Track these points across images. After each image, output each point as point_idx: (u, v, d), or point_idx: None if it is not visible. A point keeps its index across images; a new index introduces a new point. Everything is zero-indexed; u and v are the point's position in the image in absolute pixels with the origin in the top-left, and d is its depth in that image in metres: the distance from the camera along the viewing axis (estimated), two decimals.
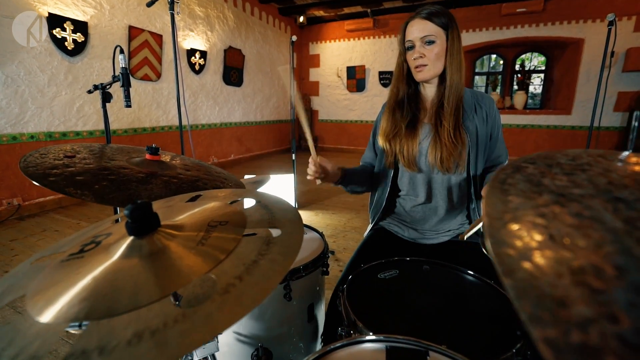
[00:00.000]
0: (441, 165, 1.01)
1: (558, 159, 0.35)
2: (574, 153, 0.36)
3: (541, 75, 6.45)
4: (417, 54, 0.99)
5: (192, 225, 0.46)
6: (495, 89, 6.67)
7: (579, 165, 0.32)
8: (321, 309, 1.05)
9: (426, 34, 0.97)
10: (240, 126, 6.26)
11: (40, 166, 0.78)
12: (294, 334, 0.94)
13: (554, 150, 0.38)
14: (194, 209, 0.51)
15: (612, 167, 0.30)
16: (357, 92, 7.43)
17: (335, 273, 2.21)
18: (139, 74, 4.14)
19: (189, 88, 4.99)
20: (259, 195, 0.56)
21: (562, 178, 0.29)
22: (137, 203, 0.41)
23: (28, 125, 3.18)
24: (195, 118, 5.20)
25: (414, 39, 0.99)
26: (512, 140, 6.36)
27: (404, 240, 1.13)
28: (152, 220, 0.42)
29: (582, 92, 5.73)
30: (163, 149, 4.04)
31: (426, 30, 0.97)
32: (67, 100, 3.46)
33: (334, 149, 8.03)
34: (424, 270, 0.84)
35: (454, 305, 0.71)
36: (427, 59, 0.98)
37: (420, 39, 0.98)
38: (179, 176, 0.95)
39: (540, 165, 0.33)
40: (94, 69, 3.65)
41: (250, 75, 6.28)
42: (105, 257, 0.40)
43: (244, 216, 0.48)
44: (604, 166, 0.31)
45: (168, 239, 0.42)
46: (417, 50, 0.99)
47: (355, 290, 0.74)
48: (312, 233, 1.15)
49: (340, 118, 7.84)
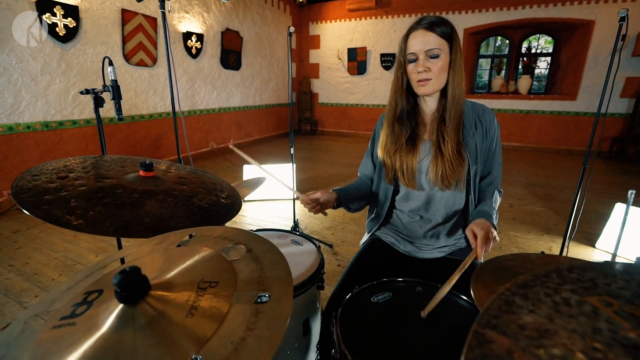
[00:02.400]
0: (442, 182, 0.99)
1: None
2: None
3: (548, 58, 6.27)
4: (421, 68, 0.94)
5: (182, 284, 0.46)
6: (499, 72, 6.52)
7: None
8: (317, 322, 1.07)
9: (431, 47, 0.93)
10: (239, 111, 6.17)
11: (32, 192, 0.77)
12: (289, 349, 0.97)
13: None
14: (185, 259, 0.51)
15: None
16: (358, 74, 7.27)
17: (333, 267, 2.25)
18: (134, 60, 4.04)
19: (186, 73, 4.88)
20: (250, 241, 0.56)
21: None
22: (125, 272, 0.41)
23: (24, 115, 3.14)
24: (193, 104, 5.12)
25: (417, 51, 0.94)
26: (515, 126, 6.29)
27: (398, 254, 1.14)
28: (142, 287, 0.42)
29: (589, 76, 5.60)
30: (161, 136, 4.10)
31: (431, 43, 0.93)
32: (61, 89, 3.39)
33: (334, 133, 7.96)
34: (417, 292, 0.85)
35: (446, 335, 0.73)
36: (431, 73, 0.94)
37: (424, 52, 0.94)
38: (174, 193, 0.95)
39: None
40: (87, 56, 3.56)
41: (248, 58, 6.13)
42: (96, 326, 0.40)
43: (235, 272, 0.48)
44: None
45: (158, 306, 0.42)
46: (420, 63, 0.94)
47: (348, 317, 0.75)
48: (309, 244, 1.15)
49: (340, 101, 7.72)
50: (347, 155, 5.83)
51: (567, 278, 0.38)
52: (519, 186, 4.01)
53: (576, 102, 5.80)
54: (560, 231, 2.71)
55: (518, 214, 3.16)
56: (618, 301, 0.33)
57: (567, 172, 4.74)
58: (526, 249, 2.48)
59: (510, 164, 5.04)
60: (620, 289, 0.35)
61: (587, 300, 0.34)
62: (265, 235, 1.23)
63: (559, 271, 0.39)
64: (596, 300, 0.34)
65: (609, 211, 2.43)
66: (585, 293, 0.35)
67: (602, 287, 0.35)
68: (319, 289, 1.03)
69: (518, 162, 5.29)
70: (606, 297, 0.34)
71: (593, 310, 0.32)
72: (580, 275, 0.38)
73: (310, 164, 5.10)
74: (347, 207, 1.14)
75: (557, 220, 3.02)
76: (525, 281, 0.38)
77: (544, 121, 6.08)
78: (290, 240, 1.19)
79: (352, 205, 1.15)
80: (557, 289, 0.36)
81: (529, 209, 3.28)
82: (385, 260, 1.11)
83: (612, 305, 0.33)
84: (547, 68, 6.33)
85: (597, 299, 0.34)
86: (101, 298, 0.45)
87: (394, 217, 1.17)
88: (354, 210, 1.17)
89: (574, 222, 2.10)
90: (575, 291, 0.35)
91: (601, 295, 0.34)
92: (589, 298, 0.34)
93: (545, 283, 0.37)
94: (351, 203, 1.14)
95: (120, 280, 0.40)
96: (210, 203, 0.96)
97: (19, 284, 2.01)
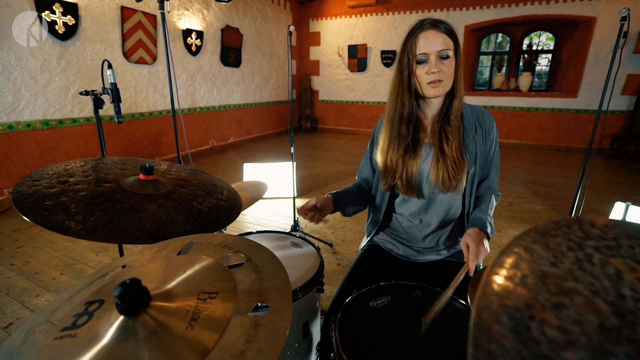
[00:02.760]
0: (443, 185, 0.99)
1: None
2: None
3: (549, 55, 6.24)
4: (435, 69, 0.92)
5: (182, 294, 0.46)
6: (500, 69, 6.49)
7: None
8: (317, 324, 1.08)
9: (443, 48, 0.91)
10: (239, 108, 6.16)
11: (33, 197, 0.78)
12: (289, 350, 0.98)
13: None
14: (185, 268, 0.51)
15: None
16: (358, 72, 7.24)
17: (333, 267, 2.26)
18: (134, 57, 4.03)
19: (185, 70, 4.87)
20: (249, 249, 0.56)
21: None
22: (126, 284, 0.41)
23: (23, 114, 3.14)
24: (193, 101, 5.11)
25: (429, 52, 0.92)
26: (516, 124, 6.27)
27: (397, 258, 1.14)
28: (142, 299, 0.42)
29: (590, 74, 5.57)
30: (161, 134, 4.11)
31: (443, 44, 0.91)
32: (61, 87, 3.38)
33: (335, 130, 7.94)
34: (415, 296, 0.85)
35: (444, 340, 0.73)
36: (443, 74, 0.92)
37: (436, 53, 0.92)
38: (174, 196, 0.95)
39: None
40: (87, 54, 3.55)
41: (248, 55, 6.10)
42: (97, 338, 0.41)
43: (234, 283, 0.48)
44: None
45: (159, 317, 0.42)
46: (433, 64, 0.92)
47: (347, 321, 0.76)
48: (308, 247, 1.16)
49: (341, 99, 7.69)
50: (348, 152, 5.83)
51: (591, 233, 0.34)
52: (519, 184, 4.01)
53: (577, 99, 5.78)
54: None
55: (518, 212, 3.17)
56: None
57: (567, 169, 4.74)
58: None
59: (510, 162, 5.04)
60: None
61: (611, 262, 0.31)
62: (266, 237, 1.24)
63: (581, 223, 0.35)
64: (620, 262, 0.31)
65: (609, 209, 2.43)
66: (609, 253, 0.32)
67: (625, 249, 0.32)
68: (318, 292, 1.04)
69: (518, 159, 5.29)
70: (630, 260, 0.31)
71: (617, 273, 0.29)
72: (603, 232, 0.34)
73: (310, 162, 5.09)
74: (343, 212, 1.13)
75: (557, 218, 3.02)
76: (546, 229, 0.35)
77: (544, 118, 6.07)
78: (290, 242, 1.19)
79: (348, 209, 1.14)
80: (581, 243, 0.33)
81: (529, 208, 3.28)
82: (384, 265, 1.11)
83: (636, 271, 0.30)
84: (548, 65, 6.30)
85: (621, 262, 0.31)
86: (102, 309, 0.46)
87: (394, 221, 1.17)
88: (349, 215, 1.17)
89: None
90: (598, 249, 0.32)
91: (625, 257, 0.31)
92: (612, 259, 0.31)
93: (567, 235, 0.34)
94: (347, 207, 1.13)
95: (121, 292, 0.41)
96: (210, 206, 0.96)
97: (20, 283, 2.02)
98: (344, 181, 4.11)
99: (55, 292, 1.93)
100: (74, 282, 2.03)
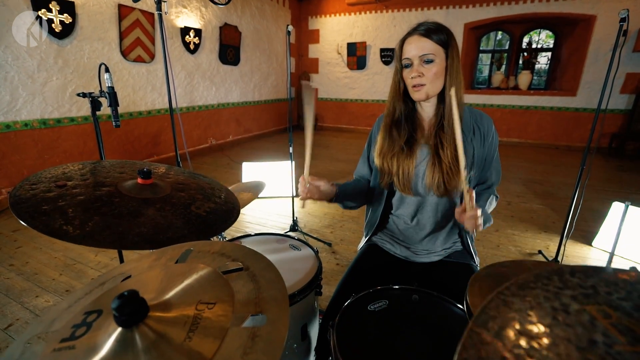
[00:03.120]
0: (437, 189, 1.00)
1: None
2: None
3: (548, 54, 6.23)
4: (414, 73, 0.95)
5: (180, 305, 0.46)
6: (500, 67, 6.48)
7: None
8: (315, 326, 1.09)
9: (425, 53, 0.93)
10: (238, 106, 6.15)
11: (30, 201, 0.78)
12: (287, 350, 0.98)
13: None
14: (183, 277, 0.52)
15: None
16: (357, 69, 7.22)
17: (332, 266, 2.27)
18: (131, 56, 4.01)
19: (184, 69, 4.85)
20: (247, 257, 0.57)
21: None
22: (124, 296, 0.42)
23: (21, 113, 3.12)
24: (192, 100, 5.09)
25: (411, 57, 0.95)
26: (515, 122, 6.27)
27: (395, 258, 1.15)
28: (140, 311, 0.43)
29: (589, 72, 5.57)
30: (159, 133, 4.11)
31: (425, 49, 0.93)
32: (58, 86, 3.37)
33: (334, 129, 7.94)
34: (413, 300, 0.86)
35: (442, 345, 0.74)
36: (425, 78, 0.95)
37: (418, 57, 0.94)
38: (172, 200, 0.95)
39: None
40: (84, 52, 3.53)
41: (247, 53, 6.08)
42: (96, 350, 0.41)
43: (232, 292, 0.48)
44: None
45: (158, 328, 0.42)
46: (415, 69, 0.95)
47: (344, 325, 0.76)
48: (307, 249, 1.16)
49: (340, 97, 7.68)
50: (347, 151, 5.83)
51: (569, 283, 0.36)
52: (517, 183, 4.02)
53: (576, 97, 5.78)
54: (558, 229, 2.73)
55: (516, 211, 3.18)
56: (617, 313, 0.32)
57: (566, 168, 4.75)
58: (523, 248, 2.50)
59: (509, 160, 5.05)
60: (620, 299, 0.34)
61: (586, 309, 0.33)
62: (265, 240, 1.24)
63: (561, 274, 0.38)
64: (595, 309, 0.33)
65: (607, 209, 2.44)
66: (585, 301, 0.34)
67: (603, 295, 0.34)
68: (317, 295, 1.05)
69: (517, 158, 5.30)
70: (605, 307, 0.33)
71: (591, 320, 0.32)
72: (582, 281, 0.36)
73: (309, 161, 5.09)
74: (342, 204, 1.15)
75: (555, 218, 3.03)
76: (526, 281, 0.37)
77: (543, 117, 6.07)
78: (288, 245, 1.20)
79: (347, 202, 1.15)
80: (558, 293, 0.35)
81: (527, 207, 3.30)
82: (382, 266, 1.12)
83: (611, 317, 0.32)
84: (547, 63, 6.30)
85: (597, 309, 0.33)
86: (100, 319, 0.46)
87: (390, 222, 1.17)
88: (348, 208, 1.18)
89: (571, 222, 2.12)
90: (575, 298, 0.34)
91: (601, 304, 0.33)
92: (588, 307, 0.33)
93: (546, 286, 0.36)
94: (347, 200, 1.15)
95: (119, 305, 0.41)
96: (208, 211, 0.96)
97: (19, 283, 2.02)
98: (343, 180, 4.10)
99: (54, 293, 1.94)
100: (73, 282, 2.03)
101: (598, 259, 2.35)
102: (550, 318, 0.32)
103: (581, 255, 2.39)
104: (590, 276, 0.37)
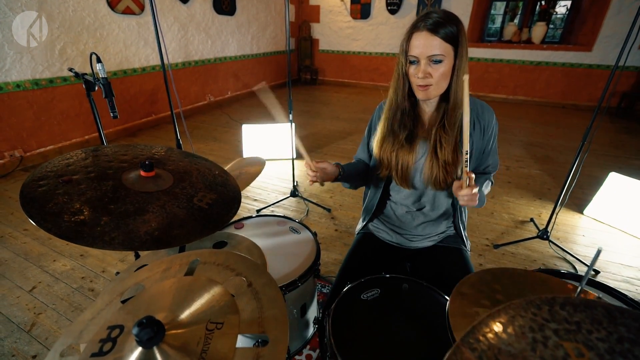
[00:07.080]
0: (434, 185, 1.02)
1: None
2: None
3: (567, 3, 5.76)
4: (421, 74, 0.90)
5: (193, 324, 0.52)
6: (513, 18, 6.05)
7: None
8: (314, 303, 1.19)
9: (434, 53, 0.88)
10: (236, 60, 5.88)
11: (39, 201, 0.81)
12: None
13: None
14: (193, 295, 0.57)
15: None
16: (361, 19, 6.75)
17: (331, 232, 2.37)
18: (119, 7, 3.74)
19: (177, 21, 4.55)
20: (250, 271, 0.62)
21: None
22: (143, 323, 0.47)
23: (11, 74, 3.02)
24: (187, 54, 4.86)
25: (419, 55, 0.89)
26: (523, 79, 6.03)
27: (390, 246, 1.21)
28: (158, 334, 0.48)
29: (609, 25, 5.21)
30: (156, 90, 4.07)
31: (434, 48, 0.87)
32: (46, 43, 3.20)
33: (335, 83, 7.66)
34: (403, 289, 0.93)
35: (430, 332, 0.82)
36: (432, 79, 0.91)
37: (426, 57, 0.89)
38: (174, 191, 0.98)
39: None
40: (69, 4, 3.29)
41: (243, 1, 5.65)
42: None
43: (238, 312, 0.54)
44: None
45: (175, 343, 0.49)
46: (421, 68, 0.90)
47: (339, 316, 0.85)
48: (306, 232, 1.22)
49: (342, 49, 7.29)
50: (349, 108, 5.69)
51: (556, 315, 0.38)
52: (518, 146, 4.01)
53: (591, 53, 5.48)
54: (553, 197, 2.80)
55: (514, 177, 3.22)
56: (590, 353, 0.34)
57: (569, 130, 4.68)
58: (517, 215, 2.59)
59: (512, 121, 4.96)
60: (599, 339, 0.35)
61: (563, 345, 0.35)
62: (266, 222, 1.30)
63: (552, 304, 0.40)
64: (571, 347, 0.35)
65: (604, 176, 2.48)
66: (565, 337, 0.36)
67: (583, 333, 0.36)
68: (315, 277, 1.13)
69: (521, 118, 5.19)
70: (582, 345, 0.35)
71: (564, 357, 0.34)
72: (569, 315, 0.39)
73: (309, 119, 5.00)
74: (346, 183, 1.17)
75: (551, 184, 3.08)
76: (518, 308, 0.39)
77: (554, 74, 5.82)
78: (289, 227, 1.26)
79: (350, 182, 1.17)
80: (543, 325, 0.37)
81: (525, 172, 3.33)
82: (377, 253, 1.19)
83: (583, 356, 0.34)
84: (566, 13, 5.86)
85: (573, 346, 0.35)
86: (124, 335, 0.52)
87: (388, 208, 1.22)
88: (351, 187, 1.20)
89: (566, 192, 2.16)
90: (557, 332, 0.37)
91: (578, 342, 0.36)
92: (565, 343, 0.36)
93: (535, 316, 0.39)
94: (350, 180, 1.16)
95: (138, 332, 0.46)
96: (210, 203, 1.00)
97: (36, 248, 2.14)
98: (344, 141, 4.08)
99: (70, 258, 2.06)
100: (85, 247, 2.15)
101: (587, 227, 2.44)
102: (529, 349, 0.35)
103: (571, 224, 2.48)
104: (580, 311, 0.39)
